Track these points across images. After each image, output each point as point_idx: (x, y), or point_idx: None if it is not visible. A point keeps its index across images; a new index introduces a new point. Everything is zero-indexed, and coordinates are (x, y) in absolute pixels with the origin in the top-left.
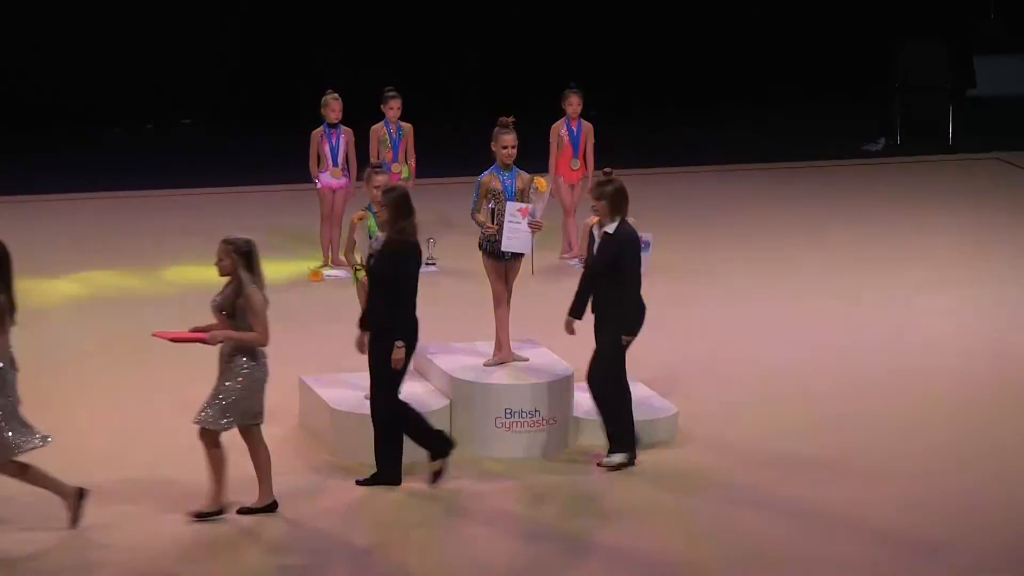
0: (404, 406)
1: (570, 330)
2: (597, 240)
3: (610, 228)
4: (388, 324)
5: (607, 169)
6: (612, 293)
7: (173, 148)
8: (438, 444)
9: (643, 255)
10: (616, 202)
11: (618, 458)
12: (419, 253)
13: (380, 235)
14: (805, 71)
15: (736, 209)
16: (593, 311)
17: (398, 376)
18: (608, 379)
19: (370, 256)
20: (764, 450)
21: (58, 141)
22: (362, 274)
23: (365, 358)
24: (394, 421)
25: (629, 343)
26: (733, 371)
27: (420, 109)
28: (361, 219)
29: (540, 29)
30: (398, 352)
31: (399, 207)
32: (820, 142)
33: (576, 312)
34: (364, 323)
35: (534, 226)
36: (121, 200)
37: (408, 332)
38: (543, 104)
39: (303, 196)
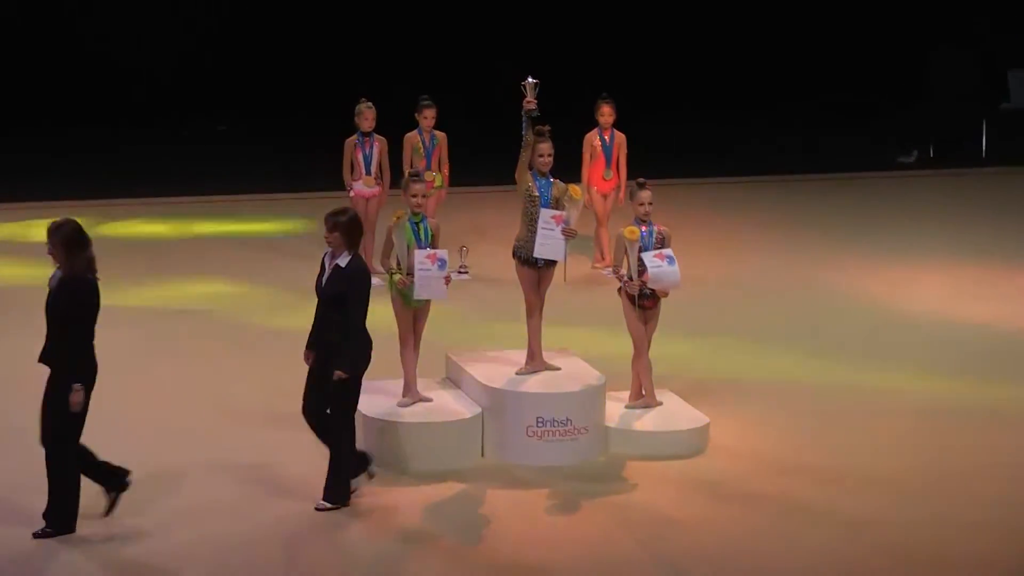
0: (82, 449)
1: (308, 361)
2: (630, 252)
3: (342, 261)
4: (65, 365)
5: (640, 180)
6: (338, 327)
7: (208, 154)
8: (111, 478)
9: (671, 268)
10: (350, 234)
11: (328, 505)
12: (95, 291)
13: (417, 249)
14: (838, 81)
15: (765, 220)
16: (317, 344)
17: (79, 419)
18: (336, 415)
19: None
20: (793, 461)
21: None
22: (398, 278)
23: (397, 364)
24: (71, 465)
25: (356, 379)
26: (763, 383)
27: (453, 117)
28: (399, 220)
29: (575, 38)
30: (76, 395)
31: (70, 242)
32: (851, 153)
33: (313, 344)
34: (42, 358)
35: (568, 233)
36: (148, 206)
37: (87, 373)
38: (576, 114)
39: (336, 203)
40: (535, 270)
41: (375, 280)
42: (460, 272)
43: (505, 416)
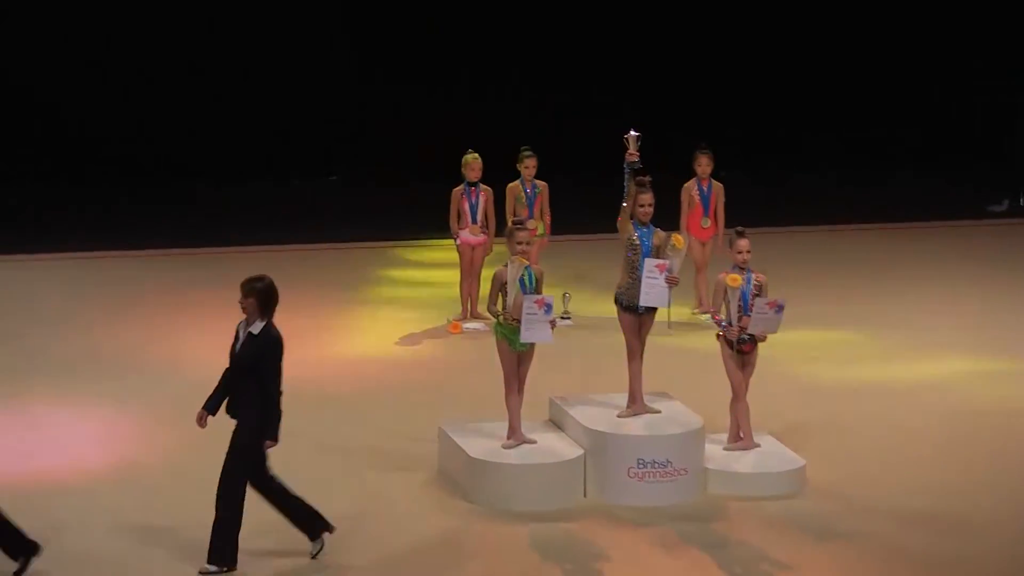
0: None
1: (202, 423)
2: (731, 298)
3: (255, 328)
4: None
5: (739, 228)
6: (251, 394)
7: (319, 202)
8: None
9: (776, 316)
10: (265, 301)
11: (212, 568)
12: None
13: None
14: (924, 127)
15: (861, 267)
16: (229, 411)
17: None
18: (230, 479)
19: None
20: (888, 502)
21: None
22: (502, 319)
23: (502, 407)
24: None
25: (258, 446)
26: (862, 428)
27: (555, 168)
28: (515, 264)
29: (672, 92)
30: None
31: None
32: (943, 201)
33: (210, 406)
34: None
35: (671, 281)
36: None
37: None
38: (675, 165)
39: (445, 251)
40: (636, 316)
41: (479, 325)
42: (564, 318)
43: (607, 457)
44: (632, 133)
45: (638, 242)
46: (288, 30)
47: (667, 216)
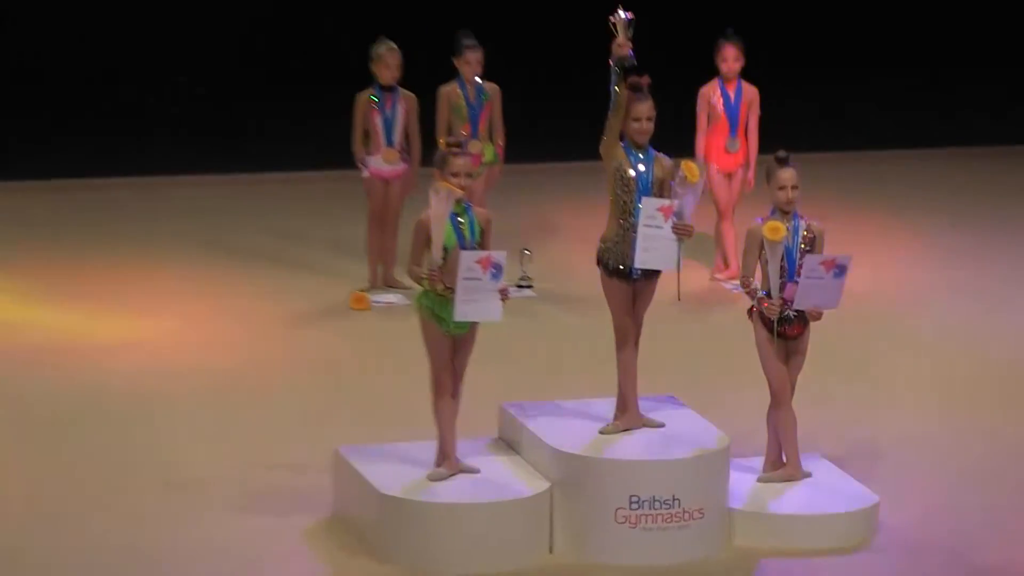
0: None
1: None
2: (770, 257)
3: None
4: None
5: (781, 153)
6: None
7: (171, 122)
8: None
9: (835, 282)
10: None
11: None
12: None
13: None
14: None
15: (932, 208)
16: None
17: None
18: None
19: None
20: (998, 555)
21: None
22: (428, 285)
23: (427, 418)
24: None
25: None
26: (954, 446)
27: (512, 66)
28: (446, 193)
29: None
30: None
31: None
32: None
33: None
34: None
35: (682, 231)
36: (89, 189)
37: None
38: (688, 60)
39: (343, 187)
40: (629, 283)
41: (395, 297)
42: (521, 285)
43: (585, 494)
44: (622, 14)
45: (631, 174)
46: None
47: (675, 136)
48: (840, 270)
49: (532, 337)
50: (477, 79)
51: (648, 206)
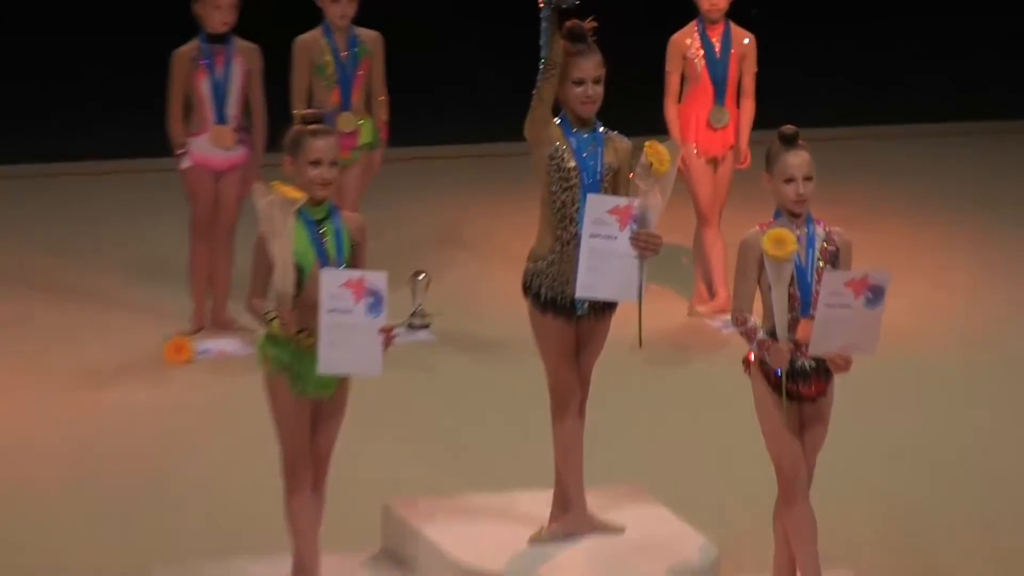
0: None
1: None
2: (772, 279)
3: None
4: None
5: (788, 129)
6: None
7: None
8: None
9: (870, 311)
10: None
11: None
12: None
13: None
14: None
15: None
16: None
17: None
18: None
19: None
20: None
21: None
22: (276, 327)
23: (273, 520)
24: None
25: None
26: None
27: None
28: (279, 204)
29: None
30: None
31: None
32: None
33: None
34: None
35: (645, 244)
36: None
37: None
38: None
39: (154, 182)
40: (571, 322)
41: (230, 344)
42: (412, 324)
43: None
44: None
45: (572, 163)
46: None
47: (636, 106)
48: (875, 294)
49: (429, 400)
50: (351, 25)
51: (596, 208)
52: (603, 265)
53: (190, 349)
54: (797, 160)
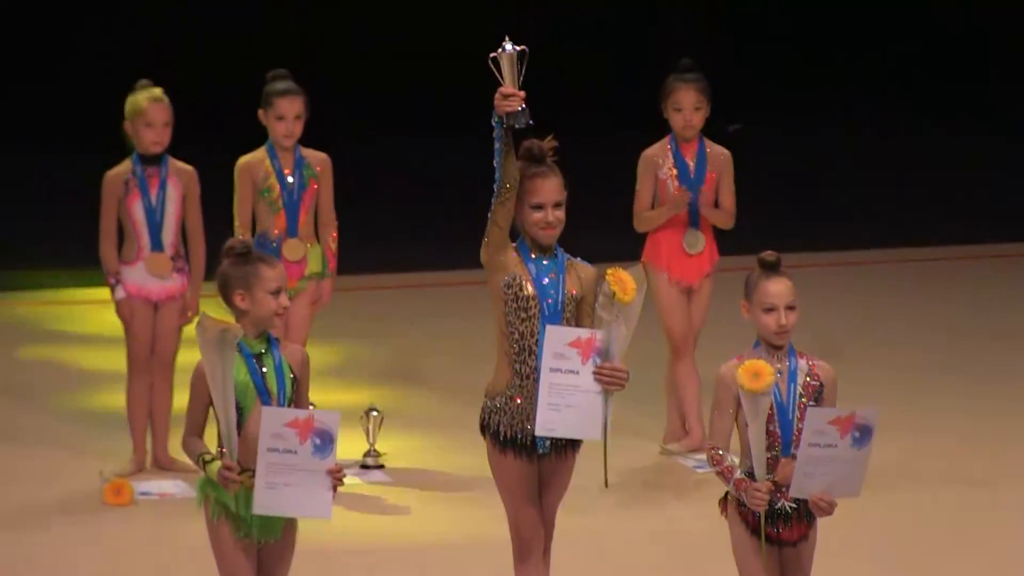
0: None
1: None
2: (749, 416)
3: None
4: None
5: (769, 255)
6: None
7: None
8: None
9: (856, 452)
10: None
11: None
12: None
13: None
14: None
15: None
16: None
17: None
18: None
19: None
20: None
21: None
22: (216, 467)
23: None
24: None
25: None
26: None
27: (350, 125)
28: (219, 336)
29: None
30: None
31: None
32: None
33: None
34: None
35: (609, 379)
36: None
37: None
38: (614, 110)
39: (89, 314)
40: (532, 462)
41: (173, 485)
42: (366, 465)
43: None
44: (508, 47)
45: (530, 291)
46: None
47: (601, 229)
48: (863, 434)
49: (383, 545)
50: (297, 146)
51: (556, 340)
52: (564, 401)
53: (130, 491)
54: (778, 288)
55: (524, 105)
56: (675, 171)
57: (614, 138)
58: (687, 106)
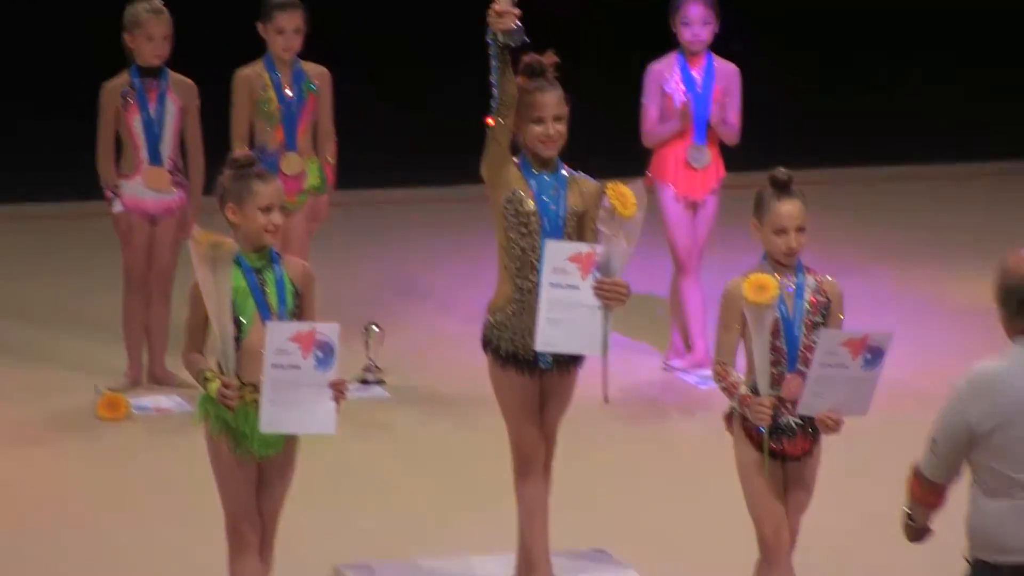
0: None
1: None
2: (754, 331)
3: None
4: None
5: (780, 173)
6: None
7: None
8: None
9: (867, 372)
10: None
11: None
12: None
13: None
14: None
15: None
16: None
17: None
18: None
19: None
20: None
21: None
22: (217, 386)
23: None
24: None
25: None
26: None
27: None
28: (214, 253)
29: None
30: None
31: None
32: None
33: None
34: None
35: (610, 294)
36: None
37: None
38: (616, 27)
39: (84, 227)
40: (534, 377)
41: (169, 400)
42: (366, 380)
43: None
44: None
45: (531, 206)
46: None
47: (605, 143)
48: (874, 355)
49: (384, 460)
50: (296, 59)
51: (555, 255)
52: (565, 317)
53: (126, 405)
54: (789, 209)
55: (519, 23)
56: (682, 86)
57: (620, 55)
58: (695, 20)
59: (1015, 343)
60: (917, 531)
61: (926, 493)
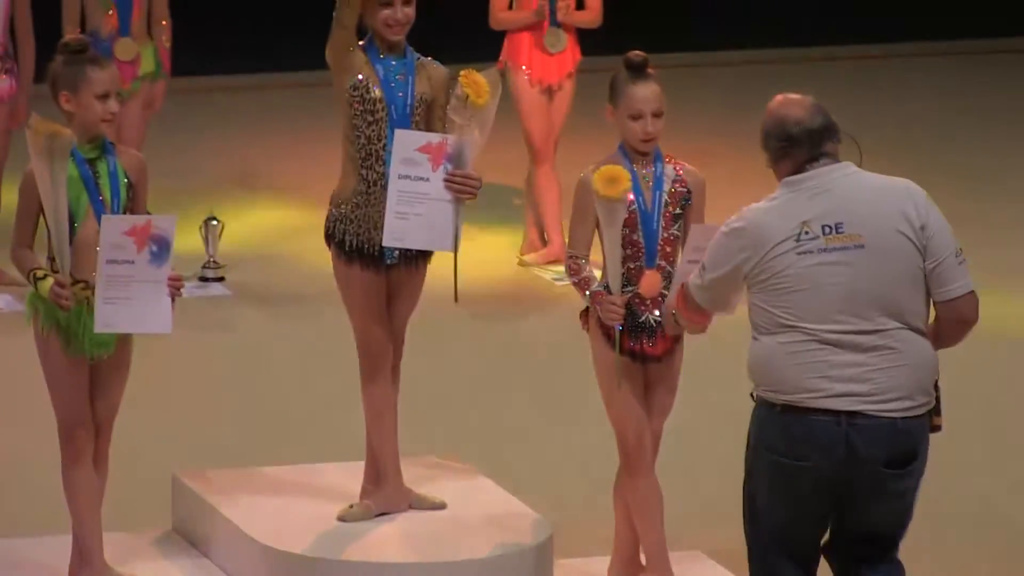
0: None
1: None
2: (604, 225)
3: None
4: None
5: (636, 55)
6: None
7: None
8: None
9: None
10: None
11: None
12: None
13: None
14: None
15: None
16: None
17: None
18: None
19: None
20: None
21: None
22: (51, 284)
23: (47, 499)
24: None
25: None
26: None
27: None
28: (50, 142)
29: None
30: None
31: None
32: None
33: None
34: None
35: (461, 186)
36: None
37: None
38: None
39: None
40: (380, 273)
41: (1, 300)
42: (205, 277)
43: None
44: None
45: (378, 93)
46: None
47: (463, 29)
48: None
49: (224, 361)
50: None
51: (404, 145)
52: (413, 210)
53: None
54: (645, 93)
55: None
56: None
57: None
58: None
59: (781, 186)
60: (678, 328)
61: (690, 312)
